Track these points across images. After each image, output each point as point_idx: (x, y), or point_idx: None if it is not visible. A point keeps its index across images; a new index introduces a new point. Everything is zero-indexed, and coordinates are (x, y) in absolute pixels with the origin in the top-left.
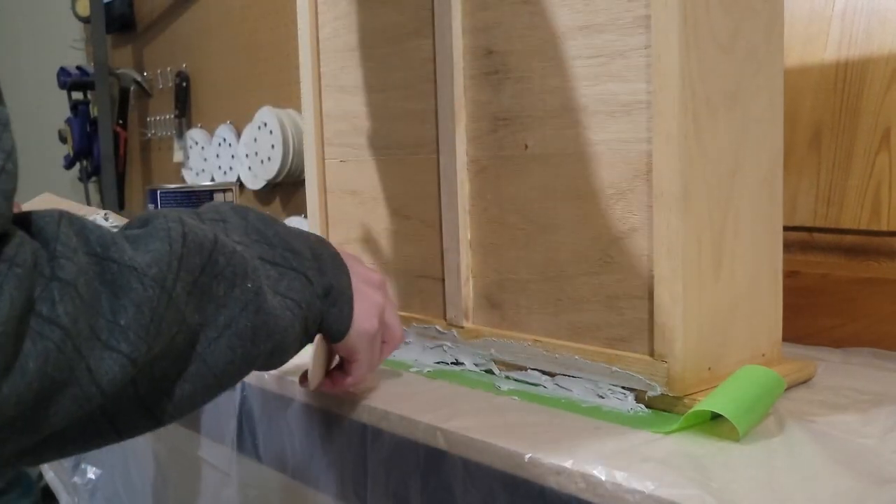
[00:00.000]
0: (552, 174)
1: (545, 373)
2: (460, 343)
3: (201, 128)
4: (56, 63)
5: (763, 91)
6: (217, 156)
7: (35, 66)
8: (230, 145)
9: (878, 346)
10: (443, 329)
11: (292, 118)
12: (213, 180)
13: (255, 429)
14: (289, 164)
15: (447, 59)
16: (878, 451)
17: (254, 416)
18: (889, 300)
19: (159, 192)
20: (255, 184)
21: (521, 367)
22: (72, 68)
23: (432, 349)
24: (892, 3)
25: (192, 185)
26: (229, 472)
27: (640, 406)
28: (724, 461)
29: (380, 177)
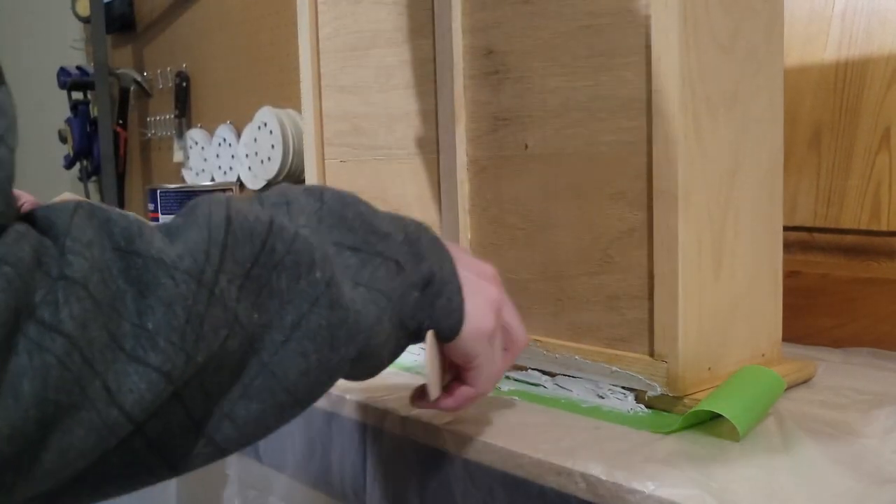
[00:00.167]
0: (552, 174)
1: (545, 373)
2: None
3: (201, 128)
4: (56, 63)
5: (763, 91)
6: (217, 156)
7: (35, 66)
8: (230, 145)
9: (878, 346)
10: None
11: (292, 118)
12: (213, 180)
13: None
14: (289, 164)
15: (447, 59)
16: (878, 451)
17: None
18: (889, 300)
19: (159, 192)
20: (255, 184)
21: (522, 367)
22: (72, 68)
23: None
24: (892, 3)
25: (192, 186)
26: (229, 472)
27: (640, 406)
28: (724, 461)
29: (380, 177)
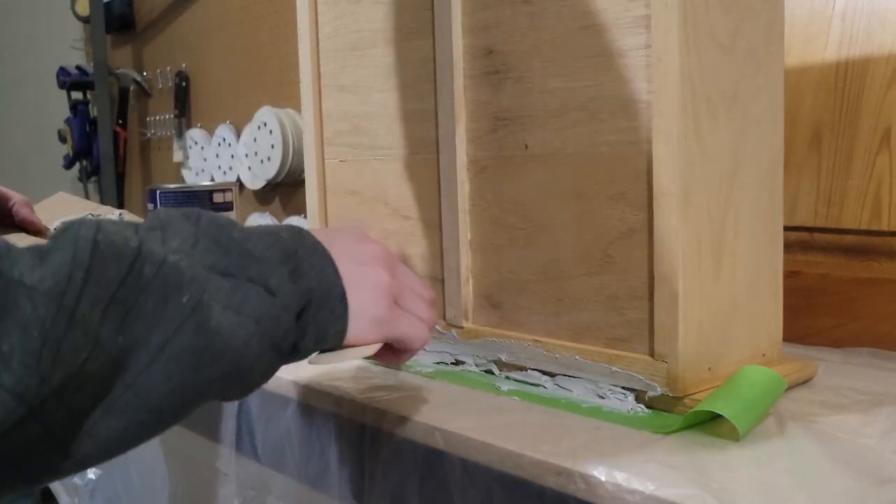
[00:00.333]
0: (552, 174)
1: (545, 373)
2: (460, 343)
3: (201, 128)
4: (56, 63)
5: (763, 91)
6: (217, 156)
7: (35, 66)
8: (230, 145)
9: (878, 346)
10: (442, 329)
11: (292, 118)
12: (212, 180)
13: (253, 429)
14: (288, 164)
15: (447, 59)
16: (878, 451)
17: (252, 416)
18: (889, 300)
19: (159, 191)
20: (254, 184)
21: (522, 368)
22: (71, 68)
23: (432, 349)
24: (892, 3)
25: (192, 185)
26: (228, 472)
27: (641, 406)
28: (724, 461)
29: (380, 177)
